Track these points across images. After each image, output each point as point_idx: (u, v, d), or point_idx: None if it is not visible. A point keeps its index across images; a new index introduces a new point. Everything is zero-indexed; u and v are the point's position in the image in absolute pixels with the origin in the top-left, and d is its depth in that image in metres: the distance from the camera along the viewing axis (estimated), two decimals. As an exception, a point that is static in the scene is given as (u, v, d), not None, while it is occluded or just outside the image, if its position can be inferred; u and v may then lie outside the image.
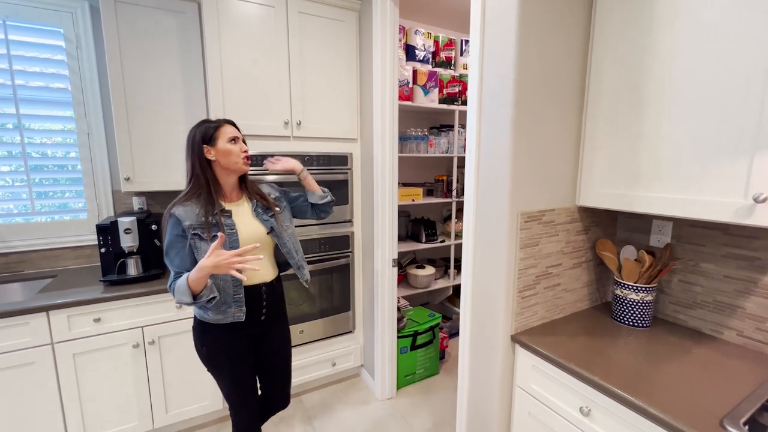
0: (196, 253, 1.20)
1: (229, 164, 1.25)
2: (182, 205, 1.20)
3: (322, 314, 2.15)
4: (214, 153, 1.23)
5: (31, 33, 1.84)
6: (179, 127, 1.91)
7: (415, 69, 2.44)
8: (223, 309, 1.25)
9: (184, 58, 1.88)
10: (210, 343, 1.30)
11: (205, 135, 1.23)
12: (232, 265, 1.08)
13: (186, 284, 1.13)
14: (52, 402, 1.58)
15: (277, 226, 1.36)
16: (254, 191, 1.37)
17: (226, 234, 1.22)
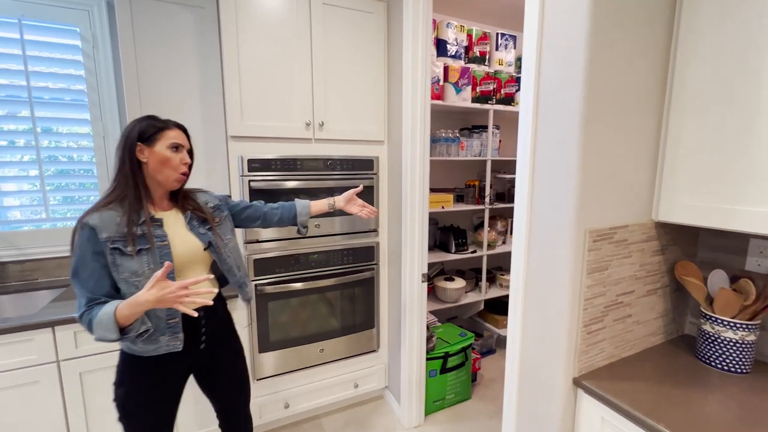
0: (115, 273, 0.99)
1: (160, 174, 1.06)
2: (100, 211, 1.00)
3: (344, 331, 1.98)
4: (148, 155, 1.05)
5: (48, 32, 1.76)
6: (195, 130, 1.79)
7: (446, 65, 2.25)
8: (155, 337, 1.05)
9: (201, 55, 1.77)
10: (131, 382, 1.09)
11: (144, 131, 1.05)
12: (179, 299, 0.92)
13: (113, 319, 0.93)
14: (58, 423, 1.47)
15: (216, 240, 1.17)
16: (188, 201, 1.18)
17: (156, 247, 1.03)
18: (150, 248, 1.02)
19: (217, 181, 1.86)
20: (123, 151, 1.04)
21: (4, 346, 1.37)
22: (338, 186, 1.85)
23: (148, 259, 1.02)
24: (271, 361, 1.82)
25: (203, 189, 1.30)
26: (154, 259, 1.02)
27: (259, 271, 1.74)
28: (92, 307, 0.97)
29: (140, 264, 1.01)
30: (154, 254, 1.03)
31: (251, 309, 1.75)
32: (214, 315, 1.20)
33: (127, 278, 1.00)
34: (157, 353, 1.06)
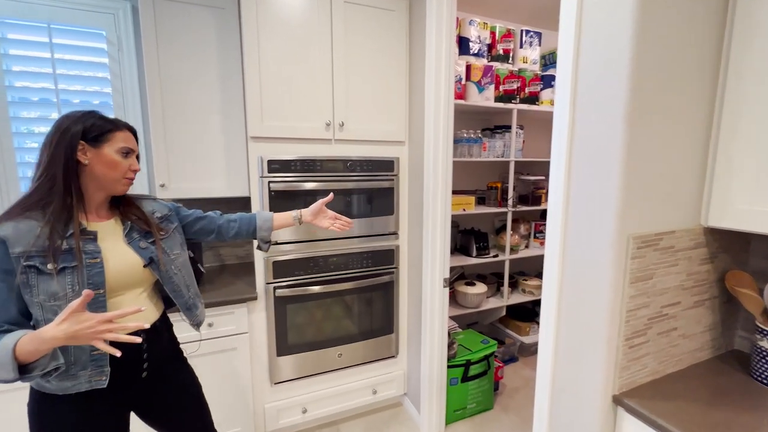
0: (27, 295, 0.82)
1: (105, 179, 0.93)
2: (15, 221, 0.83)
3: (362, 336, 1.94)
4: (91, 157, 0.90)
5: (75, 36, 1.80)
6: (215, 131, 1.79)
7: (468, 63, 2.19)
8: (73, 372, 0.86)
9: (222, 56, 1.76)
10: (52, 422, 0.90)
11: (89, 129, 0.91)
12: (98, 335, 0.76)
13: (11, 356, 0.74)
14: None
15: (159, 256, 1.01)
16: (131, 209, 1.02)
17: (85, 265, 0.86)
18: (77, 266, 0.85)
19: (237, 182, 1.86)
20: (56, 149, 0.87)
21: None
22: (357, 188, 1.81)
23: (72, 280, 0.85)
24: (289, 364, 1.79)
25: (152, 196, 1.15)
26: (81, 279, 0.86)
27: (278, 274, 1.72)
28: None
29: (62, 285, 0.84)
30: (82, 273, 0.86)
31: (268, 311, 1.73)
32: (158, 339, 1.04)
33: (42, 302, 0.83)
34: (77, 390, 0.88)
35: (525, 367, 2.51)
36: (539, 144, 2.81)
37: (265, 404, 1.78)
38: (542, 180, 2.60)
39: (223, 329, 1.65)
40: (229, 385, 1.69)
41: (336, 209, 1.78)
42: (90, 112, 0.94)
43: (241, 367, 1.70)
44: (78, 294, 0.83)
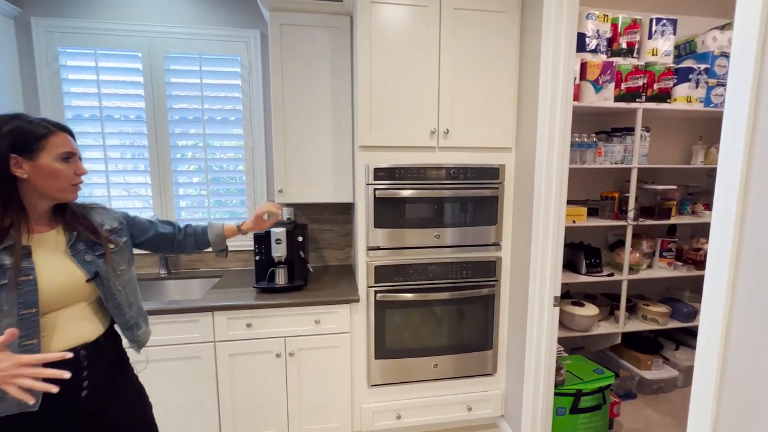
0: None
1: (49, 189, 0.86)
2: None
3: (458, 349, 1.88)
4: (29, 170, 0.83)
5: (218, 63, 2.11)
6: (326, 142, 1.93)
7: (584, 61, 1.99)
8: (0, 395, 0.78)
9: (334, 73, 1.89)
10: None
11: (19, 140, 0.81)
12: (16, 381, 0.70)
13: None
14: (210, 397, 1.70)
15: (106, 271, 0.93)
16: (78, 219, 0.94)
17: (15, 283, 0.79)
18: (6, 284, 0.79)
19: (343, 189, 1.97)
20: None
21: (178, 324, 1.65)
22: (459, 195, 1.77)
23: (4, 297, 0.79)
24: (386, 368, 1.82)
25: (102, 205, 1.06)
26: (8, 298, 0.79)
27: (379, 278, 1.77)
28: None
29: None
30: (10, 293, 0.79)
31: (368, 314, 1.78)
32: (99, 355, 0.94)
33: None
34: (4, 413, 0.80)
35: (646, 407, 2.15)
36: (669, 148, 2.43)
37: (362, 404, 1.83)
38: (672, 190, 2.23)
39: (328, 327, 1.75)
40: (330, 380, 1.78)
41: (435, 217, 1.76)
42: (15, 115, 0.84)
43: (341, 365, 1.78)
44: (6, 315, 0.79)
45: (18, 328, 0.76)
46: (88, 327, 0.93)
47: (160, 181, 2.11)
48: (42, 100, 1.97)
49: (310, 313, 1.72)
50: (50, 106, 1.98)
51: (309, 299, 1.71)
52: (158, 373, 1.65)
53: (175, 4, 2.04)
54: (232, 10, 2.09)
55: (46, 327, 0.85)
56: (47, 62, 1.96)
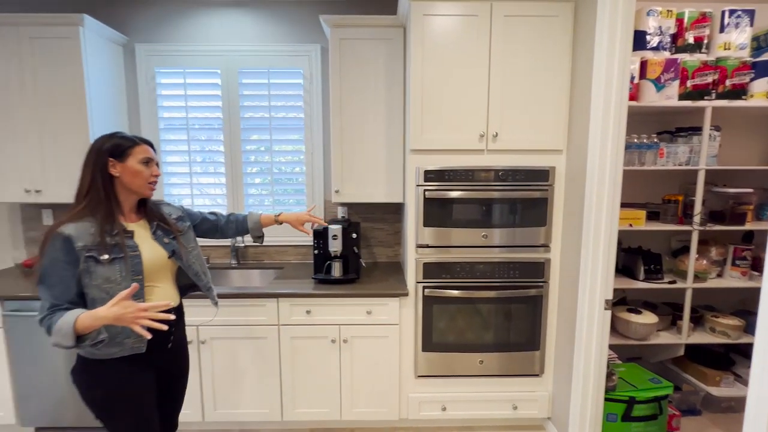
0: (87, 279, 1.05)
1: (132, 185, 1.14)
2: (75, 222, 1.06)
3: (504, 348, 1.91)
4: (120, 169, 1.12)
5: (283, 76, 2.35)
6: (378, 146, 2.06)
7: (644, 59, 1.92)
8: (119, 340, 1.09)
9: (388, 79, 2.03)
10: (103, 383, 1.10)
11: (117, 148, 1.12)
12: (137, 321, 0.96)
13: (72, 328, 0.96)
14: (273, 374, 1.91)
15: (179, 249, 1.24)
16: (154, 213, 1.24)
17: (129, 256, 1.09)
18: (123, 257, 1.09)
19: (394, 190, 2.09)
20: (93, 167, 1.10)
21: (248, 307, 1.87)
22: (507, 197, 1.81)
23: (120, 267, 1.08)
24: (433, 361, 1.91)
25: (166, 201, 1.38)
26: (126, 267, 1.09)
27: (427, 274, 1.86)
28: (54, 312, 1.01)
29: (113, 271, 1.07)
30: (127, 263, 1.09)
31: (416, 308, 1.88)
32: (180, 318, 1.29)
33: (99, 284, 1.05)
34: (122, 355, 1.10)
35: (712, 426, 2.01)
36: (744, 149, 2.24)
37: (409, 393, 1.93)
38: (748, 193, 2.06)
39: (379, 318, 1.88)
40: (380, 368, 1.91)
41: (483, 218, 1.82)
42: (113, 133, 1.16)
43: (390, 355, 1.90)
44: (125, 278, 1.08)
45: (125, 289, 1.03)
46: (171, 295, 1.25)
47: (232, 181, 2.39)
48: (141, 112, 2.34)
49: (362, 304, 1.87)
50: (148, 117, 2.34)
51: (362, 291, 1.86)
52: (230, 350, 1.89)
53: (249, 24, 2.30)
54: (296, 28, 2.31)
55: (147, 293, 1.16)
56: (146, 80, 2.32)
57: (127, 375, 1.13)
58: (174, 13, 2.29)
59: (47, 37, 1.98)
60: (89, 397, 1.12)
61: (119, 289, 1.04)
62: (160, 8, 2.29)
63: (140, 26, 2.30)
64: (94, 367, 1.11)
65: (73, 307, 1.03)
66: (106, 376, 1.11)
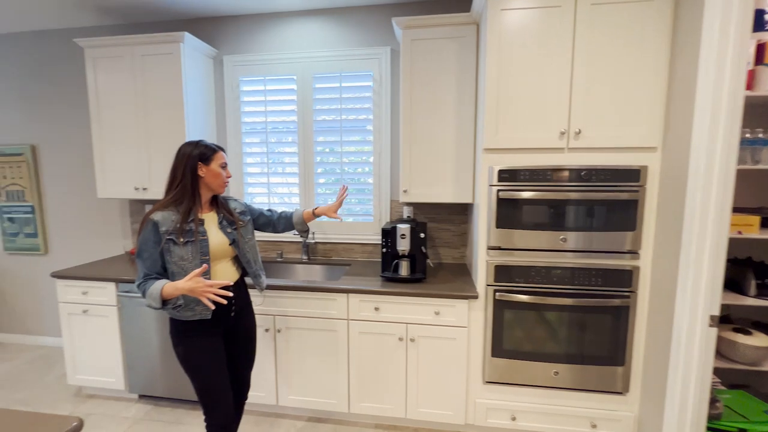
0: (167, 256, 1.32)
1: (212, 184, 1.42)
2: (161, 211, 1.34)
3: (582, 360, 1.78)
4: (205, 171, 1.39)
5: (353, 79, 2.43)
6: (448, 146, 2.04)
7: (761, 42, 1.67)
8: (191, 306, 1.36)
9: (459, 78, 2.00)
10: (184, 341, 1.39)
11: (203, 154, 1.39)
12: (205, 294, 1.24)
13: (159, 294, 1.26)
14: (342, 366, 1.98)
15: (238, 239, 1.49)
16: (223, 207, 1.50)
17: (198, 240, 1.36)
18: (194, 241, 1.35)
19: (463, 190, 2.05)
20: (185, 168, 1.37)
21: (320, 301, 1.96)
22: (589, 198, 1.68)
23: (192, 249, 1.35)
24: (502, 367, 1.84)
25: (233, 197, 1.61)
26: (196, 249, 1.35)
27: (499, 278, 1.80)
28: (147, 280, 1.31)
29: (186, 252, 1.34)
30: (197, 245, 1.36)
31: (486, 311, 1.83)
32: (239, 290, 1.53)
33: (176, 261, 1.33)
34: (194, 318, 1.38)
35: None
36: None
37: (476, 398, 1.89)
38: None
39: (447, 319, 1.86)
40: (446, 370, 1.89)
41: (561, 220, 1.72)
42: (198, 141, 1.42)
43: (457, 357, 1.87)
44: (195, 258, 1.35)
45: (196, 267, 1.33)
46: (231, 274, 1.51)
47: (304, 180, 2.53)
48: (227, 117, 2.56)
49: (430, 304, 1.86)
50: (232, 122, 2.56)
51: (430, 291, 1.85)
52: (303, 340, 1.99)
53: (323, 31, 2.42)
54: (367, 32, 2.37)
55: (213, 273, 1.43)
56: (232, 89, 2.55)
57: (200, 337, 1.40)
58: (257, 25, 2.49)
59: (154, 54, 2.26)
60: (177, 351, 1.41)
61: (190, 266, 1.34)
62: (244, 22, 2.50)
63: (228, 39, 2.53)
64: (178, 327, 1.40)
65: (161, 277, 1.34)
66: (185, 335, 1.39)
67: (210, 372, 1.40)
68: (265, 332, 2.03)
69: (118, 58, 2.30)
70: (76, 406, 2.24)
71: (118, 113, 2.34)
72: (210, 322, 1.42)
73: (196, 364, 1.39)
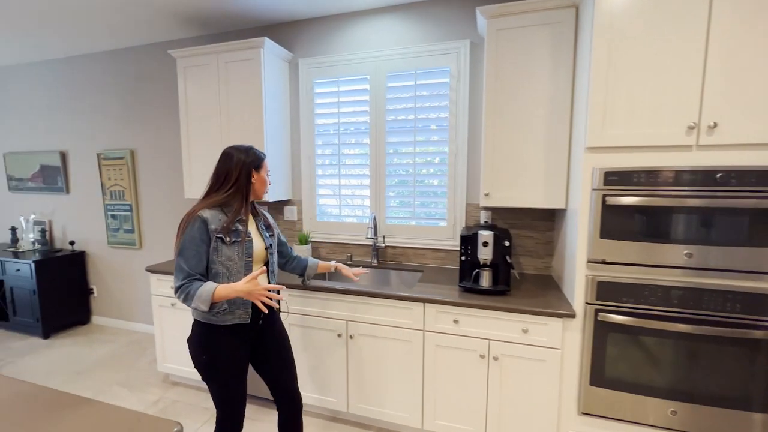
0: (214, 255, 1.31)
1: (259, 191, 1.47)
2: (210, 210, 1.34)
3: (709, 400, 1.48)
4: (256, 178, 1.43)
5: (429, 76, 2.31)
6: (537, 144, 1.84)
7: None
8: (232, 310, 1.35)
9: (553, 70, 1.79)
10: (213, 347, 1.35)
11: (256, 161, 1.43)
12: (262, 297, 1.26)
13: (211, 295, 1.23)
14: (416, 379, 1.88)
15: (272, 245, 1.51)
16: (259, 212, 1.54)
17: (245, 241, 1.37)
18: (240, 241, 1.35)
19: (555, 194, 1.84)
20: (239, 172, 1.38)
21: (394, 309, 1.87)
22: (730, 206, 1.39)
23: (238, 249, 1.35)
24: (603, 399, 1.60)
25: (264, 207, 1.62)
26: (241, 250, 1.36)
27: (602, 295, 1.57)
28: (190, 281, 1.27)
29: (233, 251, 1.34)
30: (242, 246, 1.36)
31: (585, 333, 1.61)
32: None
33: (223, 261, 1.32)
34: (231, 323, 1.35)
35: None
36: None
37: (569, 430, 1.67)
38: None
39: (536, 338, 1.66)
40: (534, 395, 1.69)
41: (687, 231, 1.44)
42: (249, 148, 1.44)
43: (548, 382, 1.67)
44: (240, 258, 1.35)
45: (244, 270, 1.37)
46: (263, 278, 1.50)
47: (376, 182, 2.47)
48: (301, 119, 2.59)
49: (517, 320, 1.68)
50: (306, 125, 2.59)
51: (517, 305, 1.67)
52: (376, 348, 1.92)
53: (397, 28, 2.33)
54: (444, 26, 2.24)
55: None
56: (306, 91, 2.57)
57: (230, 343, 1.38)
58: (331, 27, 2.48)
59: (237, 60, 2.34)
60: (198, 358, 1.37)
61: (235, 266, 1.35)
62: (318, 24, 2.50)
63: (303, 43, 2.55)
64: (207, 332, 1.36)
65: (203, 278, 1.31)
66: (214, 342, 1.36)
67: (232, 379, 1.38)
68: (338, 337, 1.99)
69: (205, 66, 2.42)
70: (165, 392, 2.41)
71: (203, 119, 2.48)
72: (241, 327, 1.40)
73: (221, 370, 1.36)
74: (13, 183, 3.67)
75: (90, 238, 3.44)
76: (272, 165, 2.41)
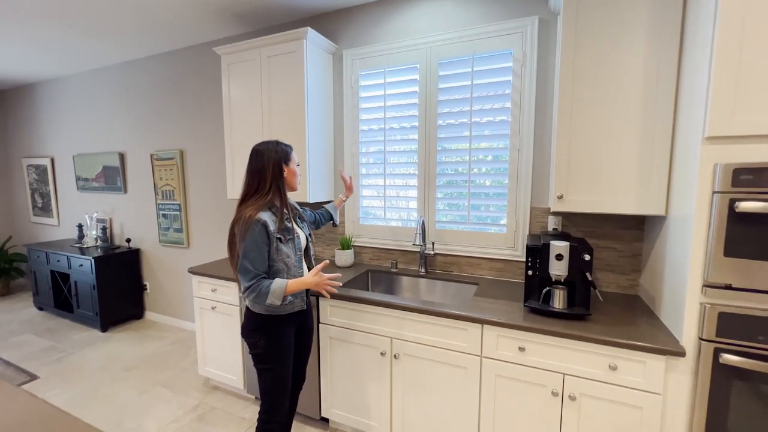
0: (275, 255, 1.40)
1: (291, 183, 1.50)
2: (266, 212, 1.40)
3: None
4: (287, 171, 1.47)
5: (487, 61, 2.02)
6: (628, 137, 1.49)
7: None
8: (290, 299, 1.44)
9: (650, 42, 1.43)
10: (270, 335, 1.43)
11: (285, 154, 1.46)
12: (326, 286, 1.47)
13: (284, 290, 1.36)
14: (470, 413, 1.61)
15: (310, 236, 1.62)
16: (295, 208, 1.59)
17: (295, 236, 1.47)
18: (292, 238, 1.46)
19: (651, 197, 1.48)
20: (273, 168, 1.42)
21: (444, 328, 1.62)
22: None
23: (292, 245, 1.46)
24: (724, 466, 1.23)
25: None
26: (294, 245, 1.46)
27: (724, 331, 1.20)
28: (259, 281, 1.36)
29: (289, 249, 1.44)
30: (294, 242, 1.47)
31: (699, 378, 1.24)
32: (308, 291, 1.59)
33: (283, 258, 1.42)
34: (291, 311, 1.47)
35: None
36: None
37: (674, 500, 1.31)
38: None
39: (628, 378, 1.33)
40: (623, 448, 1.35)
41: None
42: (277, 142, 1.48)
43: (643, 434, 1.32)
44: (294, 253, 1.46)
45: (296, 263, 1.47)
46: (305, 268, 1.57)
47: (425, 182, 2.23)
48: (345, 113, 2.42)
49: (602, 353, 1.36)
50: (350, 120, 2.41)
51: (602, 335, 1.35)
52: (423, 371, 1.69)
53: (449, 7, 2.07)
54: (505, 1, 1.94)
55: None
56: (350, 84, 2.39)
57: (286, 331, 1.48)
58: (376, 13, 2.28)
59: (279, 54, 2.22)
60: (255, 347, 1.45)
61: (291, 261, 1.45)
62: (363, 12, 2.31)
63: (347, 33, 2.38)
64: (270, 320, 1.45)
65: (267, 276, 1.40)
66: (271, 330, 1.45)
67: (286, 366, 1.47)
68: (381, 356, 1.78)
69: (249, 62, 2.33)
70: (205, 396, 2.36)
71: (246, 117, 2.39)
72: (293, 316, 1.50)
73: (278, 357, 1.44)
74: (81, 183, 3.92)
75: (144, 236, 3.56)
76: (313, 163, 2.26)
